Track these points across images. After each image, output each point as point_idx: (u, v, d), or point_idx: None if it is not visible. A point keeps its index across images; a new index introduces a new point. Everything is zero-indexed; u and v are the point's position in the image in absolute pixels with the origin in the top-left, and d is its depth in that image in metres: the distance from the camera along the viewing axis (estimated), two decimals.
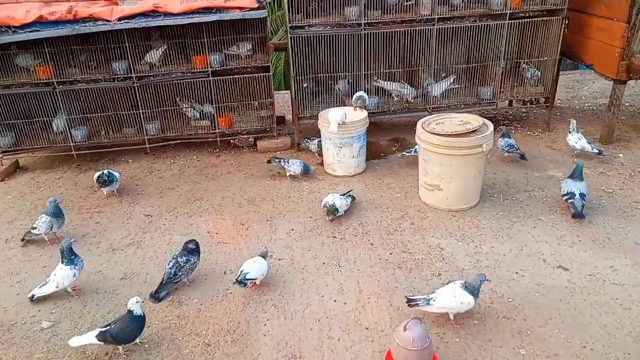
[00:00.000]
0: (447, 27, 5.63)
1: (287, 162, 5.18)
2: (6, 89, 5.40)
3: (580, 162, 4.54)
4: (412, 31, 5.58)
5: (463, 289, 3.23)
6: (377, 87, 5.97)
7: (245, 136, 6.08)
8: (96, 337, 3.09)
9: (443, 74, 6.06)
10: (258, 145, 6.03)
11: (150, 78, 5.58)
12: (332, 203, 4.40)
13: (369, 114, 5.36)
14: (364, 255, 4.04)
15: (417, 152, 4.89)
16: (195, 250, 3.75)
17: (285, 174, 5.34)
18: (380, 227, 4.40)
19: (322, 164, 5.44)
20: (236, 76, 5.67)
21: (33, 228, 4.28)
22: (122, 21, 5.09)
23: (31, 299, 3.62)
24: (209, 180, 5.42)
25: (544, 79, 6.06)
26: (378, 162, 5.65)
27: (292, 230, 4.43)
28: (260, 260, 3.69)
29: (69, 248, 3.61)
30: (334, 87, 6.01)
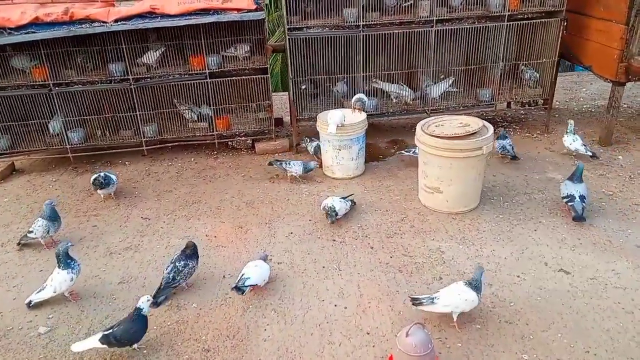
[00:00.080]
0: (446, 29, 5.61)
1: (288, 163, 5.17)
2: (2, 90, 5.34)
3: (580, 165, 4.53)
4: (410, 33, 5.56)
5: (466, 286, 3.23)
6: (376, 89, 5.95)
7: (243, 138, 6.04)
8: (99, 341, 3.05)
9: (442, 76, 6.05)
10: (256, 147, 5.99)
11: (148, 80, 5.53)
12: (332, 205, 4.37)
13: (367, 116, 5.33)
14: (364, 258, 4.01)
15: (416, 153, 4.87)
16: (194, 254, 3.71)
17: (284, 176, 5.32)
18: (380, 230, 4.37)
19: (320, 166, 5.41)
20: (234, 78, 5.63)
21: (29, 232, 4.23)
22: (119, 23, 5.05)
23: (28, 305, 3.58)
24: (207, 182, 5.38)
25: (543, 81, 6.06)
26: (377, 165, 5.62)
27: (292, 233, 4.40)
28: (262, 264, 3.65)
29: (65, 252, 3.56)
30: (333, 88, 5.99)
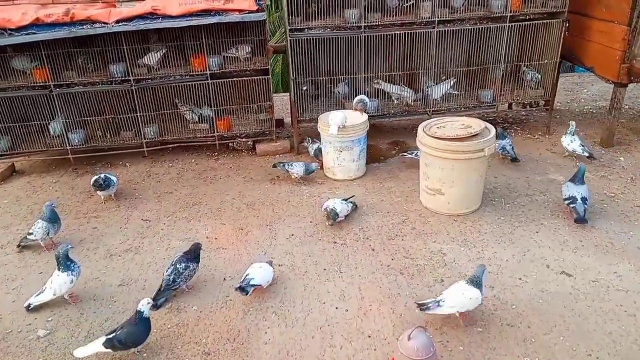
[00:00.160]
0: (448, 30, 5.59)
1: (290, 165, 5.17)
2: (2, 92, 5.32)
3: (582, 166, 4.51)
4: (412, 34, 5.54)
5: (468, 284, 3.22)
6: (377, 90, 5.93)
7: (244, 139, 6.03)
8: (103, 345, 3.03)
9: (443, 77, 6.03)
10: (257, 148, 5.98)
11: (149, 81, 5.51)
12: (333, 207, 4.35)
13: (368, 117, 5.31)
14: (366, 261, 3.99)
15: (418, 155, 4.85)
16: (195, 257, 3.70)
17: (285, 177, 5.32)
18: (382, 232, 4.35)
19: (321, 168, 5.40)
20: (235, 79, 5.62)
21: (29, 234, 4.22)
22: (120, 24, 5.03)
23: (27, 308, 3.56)
24: (207, 184, 5.37)
25: (544, 82, 6.04)
26: (378, 166, 5.60)
27: (292, 235, 4.38)
28: (266, 266, 3.65)
29: (65, 254, 3.54)
30: (334, 90, 5.97)
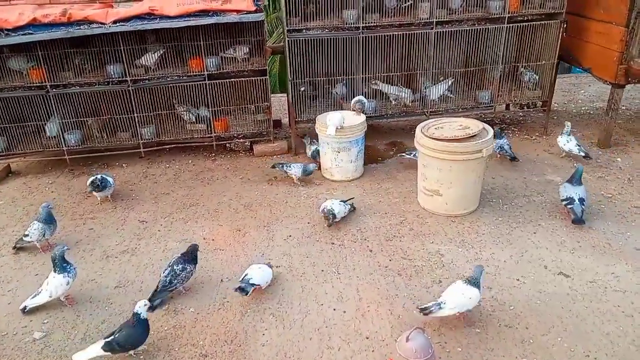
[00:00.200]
0: (446, 31, 5.59)
1: (289, 166, 5.15)
2: None
3: (580, 167, 4.51)
4: (410, 35, 5.53)
5: (467, 284, 3.22)
6: (375, 91, 5.92)
7: (241, 140, 6.01)
8: (102, 348, 3.01)
9: (441, 78, 6.02)
10: (254, 149, 5.97)
11: (146, 81, 5.48)
12: (331, 208, 4.34)
13: (366, 118, 5.30)
14: (363, 262, 3.98)
15: (416, 156, 4.84)
16: (192, 258, 3.68)
17: (282, 178, 5.31)
18: (379, 233, 4.35)
19: (319, 169, 5.39)
20: (233, 79, 5.60)
21: (25, 235, 4.19)
22: (117, 24, 5.01)
23: (23, 310, 3.53)
24: (204, 185, 5.35)
25: (542, 83, 6.04)
26: (376, 167, 5.60)
27: (290, 236, 4.37)
28: (265, 268, 3.66)
29: (61, 256, 3.52)
30: (332, 90, 5.96)
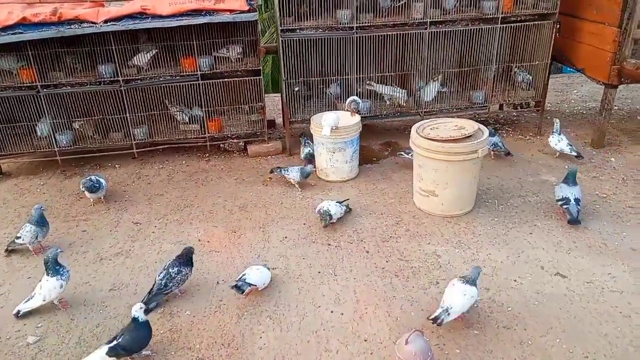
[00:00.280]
0: (440, 31, 5.58)
1: (287, 170, 5.08)
2: None
3: (574, 167, 4.53)
4: (404, 35, 5.52)
5: (465, 283, 3.20)
6: (369, 91, 5.90)
7: (235, 140, 5.96)
8: (107, 354, 2.95)
9: (434, 77, 6.01)
10: (249, 149, 5.92)
11: (138, 81, 5.42)
12: (327, 209, 4.32)
13: (361, 118, 5.28)
14: (360, 263, 3.96)
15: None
16: (188, 260, 3.64)
17: (277, 179, 5.27)
18: (376, 234, 4.33)
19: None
20: (226, 79, 5.56)
21: (17, 237, 4.12)
22: (109, 23, 4.94)
23: (17, 315, 3.47)
24: (198, 186, 5.30)
25: (536, 83, 6.06)
26: (371, 167, 5.58)
27: (286, 237, 4.34)
28: (264, 269, 3.64)
29: (54, 259, 3.46)
30: (326, 90, 5.94)
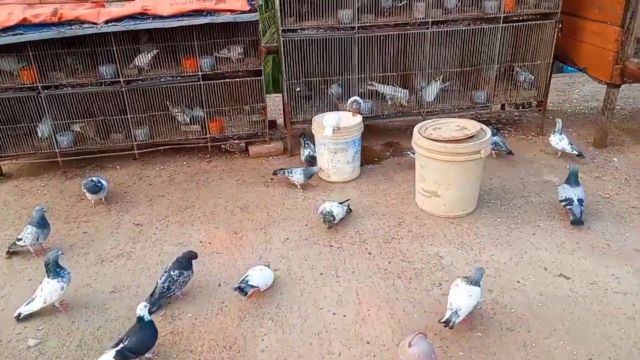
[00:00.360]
0: (441, 31, 5.56)
1: (291, 172, 5.05)
2: None
3: (576, 167, 4.51)
4: (406, 35, 5.51)
5: (469, 284, 3.19)
6: (371, 91, 5.89)
7: (236, 141, 5.94)
8: (115, 358, 2.93)
9: (436, 78, 5.98)
10: (250, 150, 5.91)
11: (139, 82, 5.41)
12: (330, 210, 4.30)
13: (362, 119, 5.27)
14: (362, 264, 3.95)
15: None
16: (189, 264, 3.62)
17: (278, 179, 5.26)
18: (378, 235, 4.31)
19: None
20: (227, 80, 5.54)
21: (18, 239, 4.11)
22: (110, 24, 4.93)
23: (17, 317, 3.45)
24: (200, 187, 5.29)
25: (538, 83, 6.04)
26: (372, 168, 5.56)
27: (288, 239, 4.32)
28: (267, 269, 3.63)
29: (55, 261, 3.45)
30: (327, 91, 5.92)
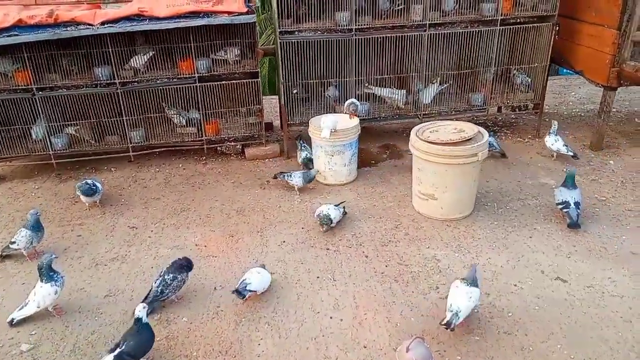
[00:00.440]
0: (439, 33, 5.55)
1: (290, 175, 5.03)
2: None
3: (572, 169, 4.50)
4: (403, 37, 5.50)
5: (468, 285, 3.18)
6: (368, 94, 5.88)
7: (232, 143, 5.91)
8: None
9: (434, 80, 5.98)
10: (246, 152, 5.88)
11: (135, 84, 5.38)
12: (327, 213, 4.28)
13: (359, 121, 5.25)
14: (359, 268, 3.92)
15: None
16: (184, 268, 3.59)
17: (275, 182, 5.23)
18: (375, 238, 4.29)
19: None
20: (224, 82, 5.52)
21: (12, 242, 4.06)
22: (106, 25, 4.90)
23: (10, 323, 3.41)
24: (195, 189, 5.25)
25: (534, 85, 6.04)
26: (369, 170, 5.54)
27: (284, 242, 4.30)
28: (264, 272, 3.60)
29: (49, 264, 3.41)
30: (324, 93, 5.90)
